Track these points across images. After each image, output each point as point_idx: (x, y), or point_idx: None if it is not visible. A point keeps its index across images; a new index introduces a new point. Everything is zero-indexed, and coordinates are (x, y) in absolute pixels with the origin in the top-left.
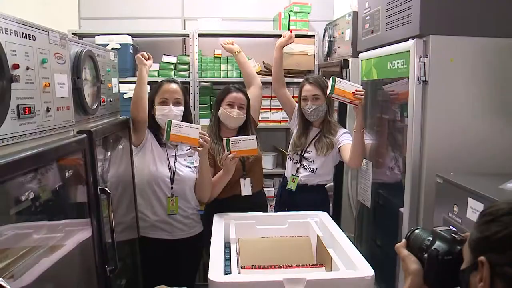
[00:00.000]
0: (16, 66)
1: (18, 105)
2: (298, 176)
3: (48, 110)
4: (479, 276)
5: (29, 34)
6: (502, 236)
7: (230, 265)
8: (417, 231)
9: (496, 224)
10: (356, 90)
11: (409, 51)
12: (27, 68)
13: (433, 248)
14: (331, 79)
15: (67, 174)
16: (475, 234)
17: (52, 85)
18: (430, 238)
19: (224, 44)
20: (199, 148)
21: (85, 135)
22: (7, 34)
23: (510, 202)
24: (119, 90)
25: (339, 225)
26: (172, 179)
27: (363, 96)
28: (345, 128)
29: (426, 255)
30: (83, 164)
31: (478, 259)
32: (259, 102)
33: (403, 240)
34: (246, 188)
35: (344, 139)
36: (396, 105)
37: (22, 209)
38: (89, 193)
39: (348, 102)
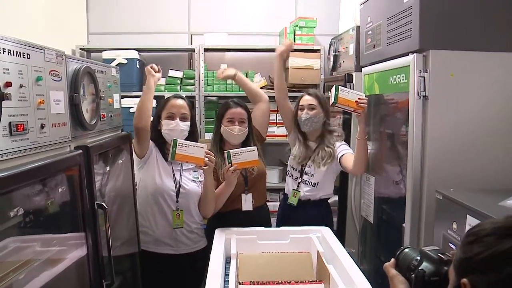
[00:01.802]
0: (8, 84)
1: (10, 122)
2: (299, 191)
3: (42, 126)
4: None
5: (23, 53)
6: (484, 257)
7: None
8: (406, 250)
9: (478, 244)
10: (359, 99)
11: (409, 66)
12: (21, 86)
13: (420, 268)
14: (333, 88)
15: (62, 189)
16: (459, 254)
17: (47, 102)
18: (418, 258)
19: (220, 75)
20: (204, 167)
21: (80, 151)
22: (0, 53)
23: (494, 222)
24: (120, 105)
25: (343, 240)
26: (177, 193)
27: (366, 105)
28: (349, 136)
29: (413, 275)
30: (79, 179)
31: (461, 281)
32: (266, 117)
33: (392, 260)
34: (247, 203)
35: (343, 149)
36: (398, 119)
37: (14, 224)
38: (85, 208)
39: (351, 111)
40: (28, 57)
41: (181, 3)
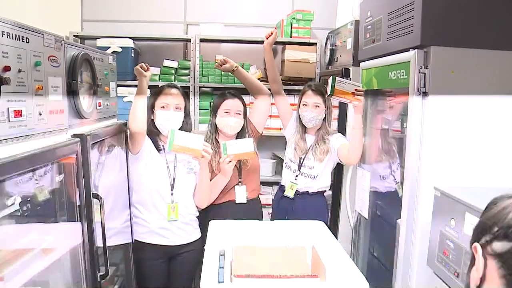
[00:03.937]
0: (7, 68)
1: (8, 108)
2: (296, 184)
3: (40, 113)
4: (476, 266)
5: (22, 37)
6: (489, 217)
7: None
8: None
9: (485, 214)
10: (356, 90)
11: (409, 61)
12: (19, 71)
13: None
14: (330, 79)
15: (58, 178)
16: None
17: (46, 88)
18: None
19: (219, 65)
20: (201, 159)
21: (78, 139)
22: None
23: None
24: (117, 94)
25: (336, 234)
26: (172, 186)
27: (362, 96)
28: (345, 127)
29: None
30: (76, 168)
31: (472, 246)
32: (266, 113)
33: None
34: (240, 195)
35: (339, 140)
36: (396, 115)
37: (9, 213)
38: (81, 198)
39: (348, 102)
40: (27, 41)
41: None
